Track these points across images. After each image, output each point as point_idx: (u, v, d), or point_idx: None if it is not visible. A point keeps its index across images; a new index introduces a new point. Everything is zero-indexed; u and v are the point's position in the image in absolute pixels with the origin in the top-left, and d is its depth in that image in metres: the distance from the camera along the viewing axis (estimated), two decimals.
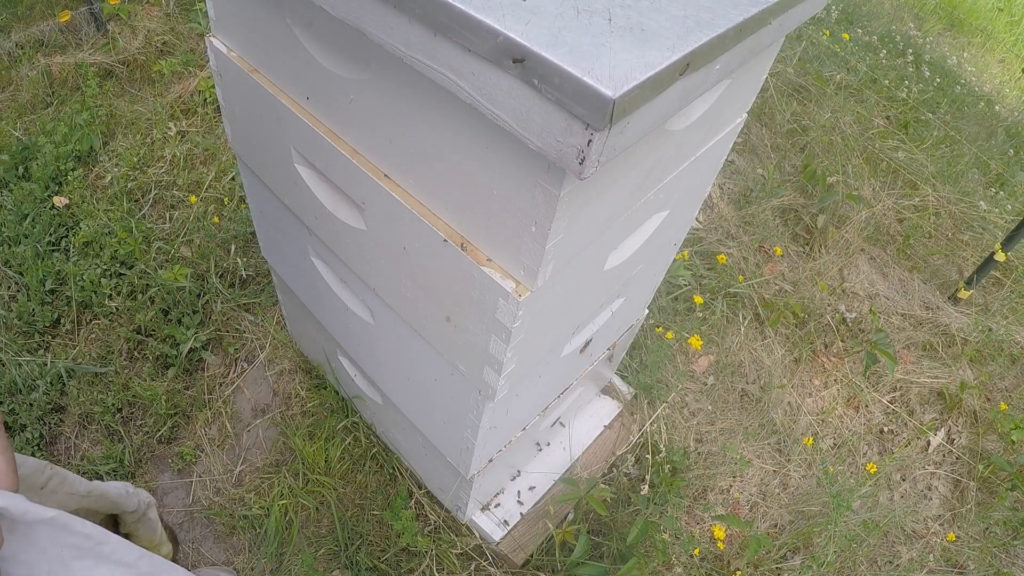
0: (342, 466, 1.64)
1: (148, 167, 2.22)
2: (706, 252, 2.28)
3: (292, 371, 1.80)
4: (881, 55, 3.49)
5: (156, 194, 2.15)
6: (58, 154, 2.14)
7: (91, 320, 1.86)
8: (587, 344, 1.26)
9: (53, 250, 1.96)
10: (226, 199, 2.14)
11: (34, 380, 1.71)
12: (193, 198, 2.12)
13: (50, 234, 1.97)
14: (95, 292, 1.85)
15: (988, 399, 2.16)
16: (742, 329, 2.10)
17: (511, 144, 0.66)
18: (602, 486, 1.55)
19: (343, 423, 1.66)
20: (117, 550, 0.63)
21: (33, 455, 1.61)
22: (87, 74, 2.42)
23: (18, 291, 1.87)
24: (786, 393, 2.02)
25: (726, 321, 2.13)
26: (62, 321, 1.84)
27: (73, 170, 2.14)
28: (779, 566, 1.65)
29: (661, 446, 1.77)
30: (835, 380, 2.09)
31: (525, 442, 1.46)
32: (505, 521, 1.55)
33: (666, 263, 1.35)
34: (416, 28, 0.61)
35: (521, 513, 1.58)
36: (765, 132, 2.82)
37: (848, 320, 2.21)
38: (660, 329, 1.99)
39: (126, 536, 1.00)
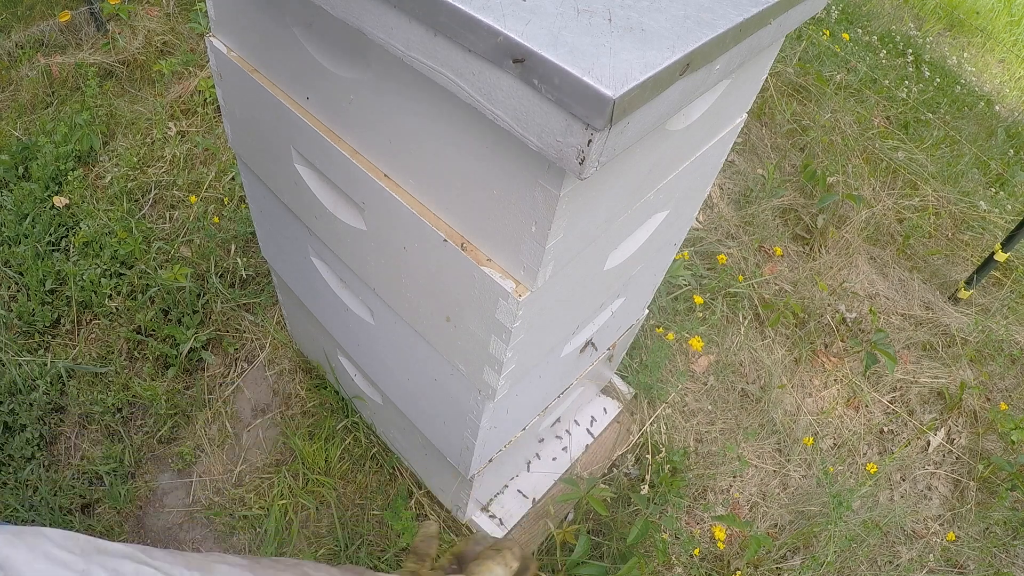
0: (342, 466, 1.64)
1: (148, 167, 2.22)
2: (706, 252, 2.28)
3: (292, 371, 1.80)
4: (881, 55, 3.49)
5: (156, 194, 2.15)
6: (58, 154, 2.14)
7: (91, 320, 1.86)
8: (587, 344, 1.26)
9: (53, 250, 1.96)
10: (226, 199, 2.14)
11: (34, 380, 1.71)
12: (193, 198, 2.12)
13: (50, 234, 1.97)
14: (95, 292, 1.85)
15: (988, 399, 2.16)
16: (742, 329, 2.10)
17: (511, 144, 0.66)
18: (602, 486, 1.55)
19: (343, 423, 1.66)
20: None
21: (33, 456, 1.61)
22: (87, 74, 2.42)
23: (18, 291, 1.87)
24: (786, 393, 2.02)
25: (726, 321, 2.13)
26: (62, 321, 1.84)
27: (73, 170, 2.14)
28: (779, 566, 1.65)
29: (661, 446, 1.77)
30: (835, 380, 2.09)
31: (525, 442, 1.46)
32: (505, 521, 1.55)
33: (666, 263, 1.34)
34: (416, 28, 0.61)
35: (521, 513, 1.58)
36: (765, 132, 2.82)
37: (848, 320, 2.21)
38: (660, 329, 1.99)
39: None
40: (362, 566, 0.70)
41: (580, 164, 0.56)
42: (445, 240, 0.81)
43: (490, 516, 1.55)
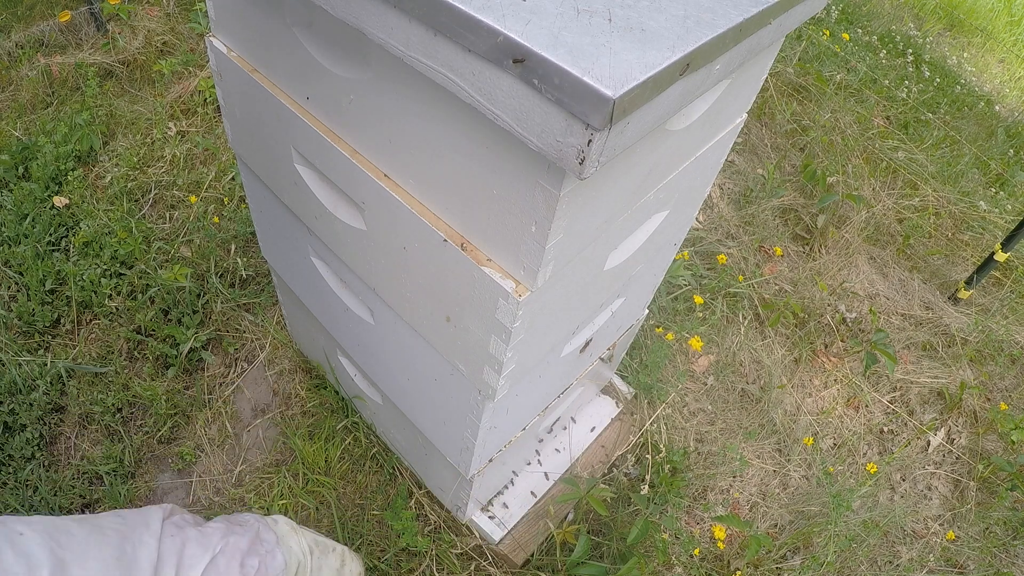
0: (342, 466, 1.64)
1: (148, 167, 2.22)
2: (706, 252, 2.28)
3: (292, 371, 1.80)
4: (881, 55, 3.49)
5: (156, 194, 2.15)
6: (58, 154, 2.14)
7: (91, 320, 1.86)
8: (587, 344, 1.26)
9: (53, 250, 1.96)
10: (226, 199, 2.14)
11: (34, 380, 1.71)
12: (193, 198, 2.12)
13: (50, 234, 1.97)
14: (95, 292, 1.85)
15: (988, 399, 2.16)
16: (742, 329, 2.10)
17: (511, 144, 0.66)
18: (602, 486, 1.55)
19: (343, 423, 1.66)
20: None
21: (33, 456, 1.61)
22: (87, 74, 2.42)
23: (18, 291, 1.87)
24: (786, 393, 2.02)
25: (726, 321, 2.13)
26: (62, 321, 1.84)
27: (73, 170, 2.14)
28: (779, 566, 1.65)
29: (661, 446, 1.77)
30: (835, 380, 2.09)
31: (525, 442, 1.46)
32: (505, 521, 1.55)
33: (666, 263, 1.34)
34: (416, 28, 0.61)
35: (521, 513, 1.58)
36: (765, 132, 2.82)
37: (848, 320, 2.21)
38: (660, 329, 1.99)
39: None
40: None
41: (580, 164, 0.56)
42: (445, 240, 0.81)
43: (490, 516, 1.55)
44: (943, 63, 3.80)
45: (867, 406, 2.06)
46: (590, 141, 0.54)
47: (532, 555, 1.56)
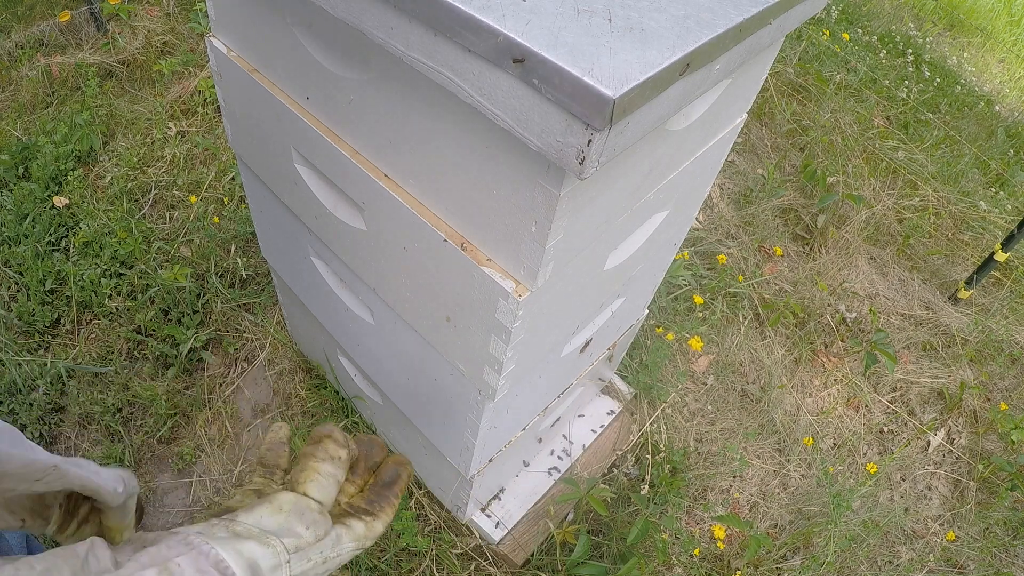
0: None
1: (148, 167, 2.22)
2: (706, 252, 2.28)
3: (292, 371, 1.80)
4: (881, 55, 3.49)
5: (156, 194, 2.15)
6: (58, 154, 2.14)
7: (91, 320, 1.86)
8: (587, 344, 1.26)
9: (53, 250, 1.96)
10: (226, 199, 2.14)
11: (34, 380, 1.70)
12: (193, 198, 2.12)
13: (50, 234, 1.97)
14: (95, 292, 1.85)
15: (988, 399, 2.16)
16: (742, 329, 2.10)
17: (511, 144, 0.66)
18: (602, 486, 1.55)
19: (343, 423, 1.66)
20: None
21: None
22: (87, 74, 2.42)
23: (18, 291, 1.87)
24: (786, 393, 2.02)
25: (726, 321, 2.13)
26: (62, 321, 1.84)
27: (73, 170, 2.14)
28: (779, 566, 1.65)
29: (661, 446, 1.77)
30: (835, 380, 2.09)
31: (525, 442, 1.46)
32: (505, 521, 1.55)
33: (666, 263, 1.34)
34: (416, 28, 0.61)
35: (521, 513, 1.58)
36: (765, 132, 2.82)
37: (848, 320, 2.21)
38: (660, 329, 1.99)
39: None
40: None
41: (580, 164, 0.56)
42: (445, 240, 0.81)
43: (489, 516, 1.55)
44: (943, 63, 3.80)
45: (867, 406, 2.06)
46: (590, 141, 0.54)
47: (532, 555, 1.56)
